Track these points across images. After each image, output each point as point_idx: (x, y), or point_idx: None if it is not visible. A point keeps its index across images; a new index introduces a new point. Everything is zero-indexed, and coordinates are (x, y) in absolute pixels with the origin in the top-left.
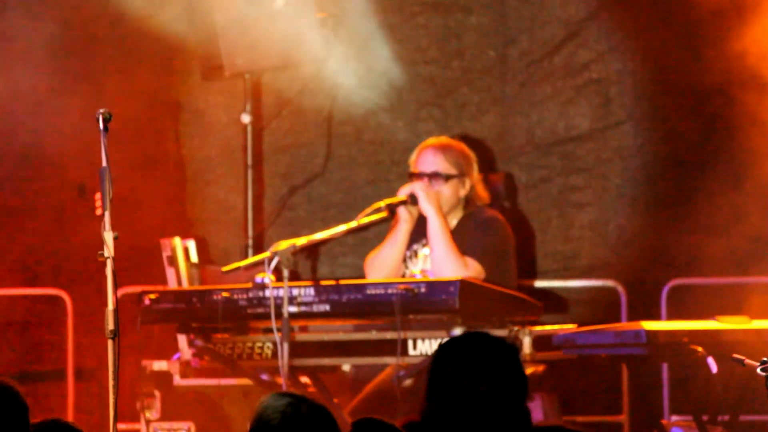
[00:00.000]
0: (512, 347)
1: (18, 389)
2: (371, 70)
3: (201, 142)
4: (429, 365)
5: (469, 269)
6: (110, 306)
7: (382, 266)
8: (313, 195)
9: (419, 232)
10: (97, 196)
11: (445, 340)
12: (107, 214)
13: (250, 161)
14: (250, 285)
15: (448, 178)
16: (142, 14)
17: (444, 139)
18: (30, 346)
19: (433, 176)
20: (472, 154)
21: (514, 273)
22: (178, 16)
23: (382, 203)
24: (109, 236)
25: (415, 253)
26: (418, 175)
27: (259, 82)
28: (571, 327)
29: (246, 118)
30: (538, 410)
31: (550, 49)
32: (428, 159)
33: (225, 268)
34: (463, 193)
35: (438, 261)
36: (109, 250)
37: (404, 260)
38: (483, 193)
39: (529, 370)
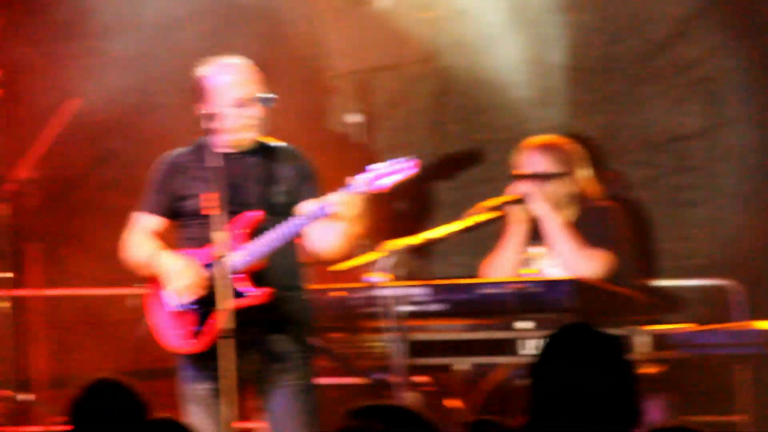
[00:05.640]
0: (618, 339)
1: (136, 388)
2: (479, 69)
3: (311, 142)
4: (533, 361)
5: (601, 259)
6: (223, 306)
7: (500, 271)
8: (425, 194)
9: (533, 233)
10: (213, 196)
11: (549, 334)
12: (218, 214)
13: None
14: (363, 284)
15: (553, 177)
16: (251, 18)
17: (547, 137)
18: (143, 344)
19: (538, 177)
20: (578, 150)
21: (636, 261)
22: (284, 16)
23: (493, 202)
24: (219, 236)
25: (533, 256)
26: (523, 176)
27: (368, 82)
28: (688, 326)
29: (352, 118)
30: (655, 410)
31: (658, 46)
32: (532, 159)
33: (338, 267)
34: (571, 189)
35: (568, 258)
36: (220, 250)
37: (522, 264)
38: (594, 187)
39: (645, 370)
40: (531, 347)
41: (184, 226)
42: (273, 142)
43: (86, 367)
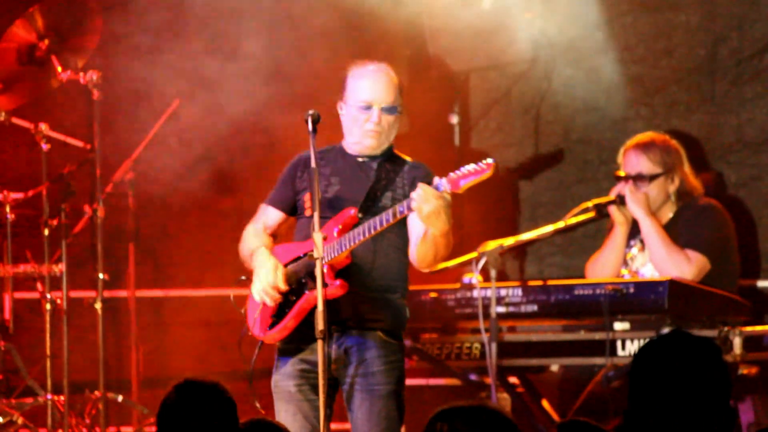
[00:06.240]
0: (715, 346)
1: (225, 388)
2: (578, 69)
3: (409, 141)
4: (630, 366)
5: (693, 263)
6: (319, 306)
7: (602, 272)
8: (520, 194)
9: (631, 233)
10: (306, 196)
11: (647, 340)
12: (316, 215)
13: (458, 161)
14: (458, 285)
15: (652, 178)
16: (353, 16)
17: (647, 137)
18: (242, 345)
19: (638, 178)
20: (678, 148)
21: (737, 261)
22: (386, 18)
23: (590, 203)
24: (318, 237)
25: (633, 257)
26: (624, 178)
27: (467, 82)
28: None
29: (454, 118)
30: (749, 412)
31: (761, 46)
32: (631, 160)
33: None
34: (672, 188)
35: (660, 261)
36: (318, 251)
37: (623, 264)
38: (695, 184)
39: (740, 371)
40: (625, 349)
41: (298, 220)
42: (401, 155)
43: (181, 368)
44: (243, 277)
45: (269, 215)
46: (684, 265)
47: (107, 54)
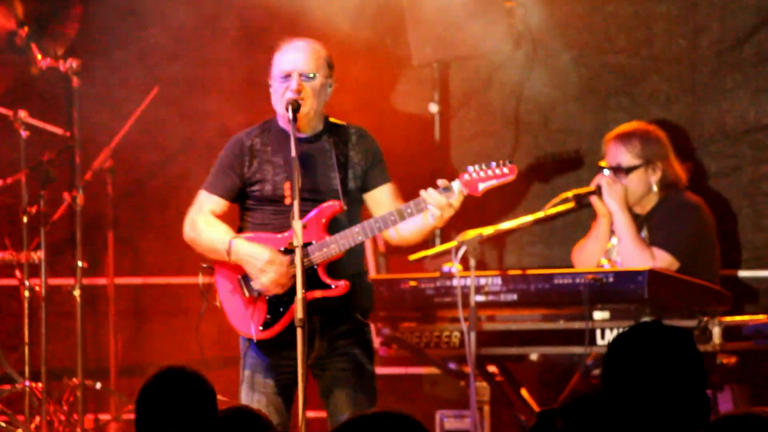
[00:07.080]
0: (688, 335)
1: (205, 376)
2: (559, 59)
3: (390, 131)
4: (604, 358)
5: (657, 261)
6: (299, 295)
7: (587, 260)
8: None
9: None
10: (287, 185)
11: (619, 332)
12: (296, 203)
13: (437, 150)
14: (437, 274)
15: (629, 170)
16: (332, 7)
17: (630, 127)
18: (222, 332)
19: (616, 170)
20: (662, 138)
21: (714, 260)
22: (366, 8)
23: (569, 193)
24: (298, 225)
25: (613, 246)
26: (604, 168)
27: (447, 72)
28: (762, 317)
29: (434, 108)
30: (728, 401)
31: (741, 37)
32: (611, 151)
33: (412, 257)
34: (654, 178)
35: (624, 255)
36: (298, 239)
37: (605, 254)
38: (680, 175)
39: (719, 361)
40: (605, 338)
41: (254, 211)
42: (340, 123)
43: (160, 355)
44: (205, 265)
45: (214, 203)
46: (646, 262)
47: (87, 40)
